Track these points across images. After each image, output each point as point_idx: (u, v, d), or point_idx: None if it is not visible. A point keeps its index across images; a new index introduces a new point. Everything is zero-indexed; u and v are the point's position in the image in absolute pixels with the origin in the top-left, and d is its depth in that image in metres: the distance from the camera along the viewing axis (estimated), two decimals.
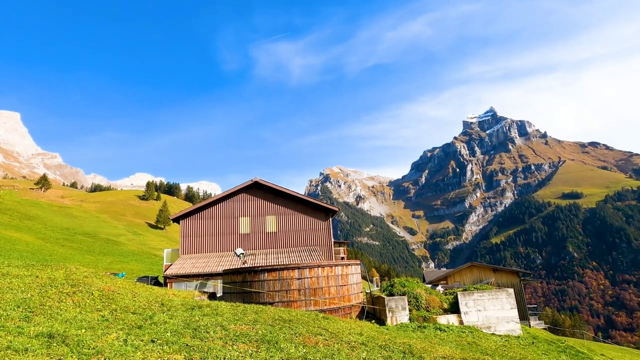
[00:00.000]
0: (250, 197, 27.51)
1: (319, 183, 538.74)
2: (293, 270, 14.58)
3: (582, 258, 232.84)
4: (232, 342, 6.03)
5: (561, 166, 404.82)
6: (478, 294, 15.97)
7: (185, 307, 8.89)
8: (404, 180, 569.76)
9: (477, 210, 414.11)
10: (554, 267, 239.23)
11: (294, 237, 26.84)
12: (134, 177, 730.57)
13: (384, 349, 7.29)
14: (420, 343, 8.92)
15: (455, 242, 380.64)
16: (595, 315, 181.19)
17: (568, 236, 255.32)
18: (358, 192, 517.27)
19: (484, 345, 11.41)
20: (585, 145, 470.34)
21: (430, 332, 12.94)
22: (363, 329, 9.93)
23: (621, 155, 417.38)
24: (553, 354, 12.82)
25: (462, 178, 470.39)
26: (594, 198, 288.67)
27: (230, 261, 23.78)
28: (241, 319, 8.16)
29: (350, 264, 16.19)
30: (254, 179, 27.42)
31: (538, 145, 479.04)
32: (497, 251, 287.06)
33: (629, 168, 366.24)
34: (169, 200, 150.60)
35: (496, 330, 15.48)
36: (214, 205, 27.29)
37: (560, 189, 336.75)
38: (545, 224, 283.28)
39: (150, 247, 79.19)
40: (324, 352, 6.22)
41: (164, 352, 5.01)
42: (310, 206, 27.44)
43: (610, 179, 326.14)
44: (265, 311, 9.55)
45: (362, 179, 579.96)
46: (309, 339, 7.14)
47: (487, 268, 33.22)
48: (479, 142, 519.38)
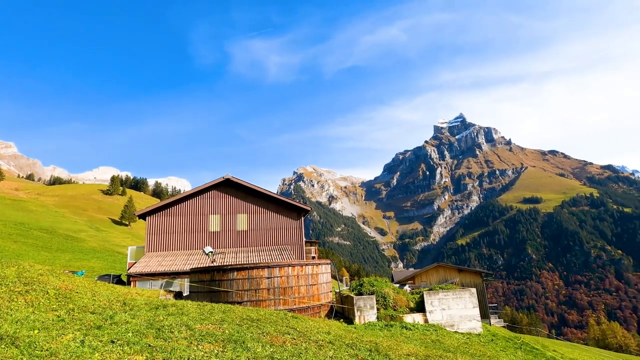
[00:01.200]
0: (221, 195, 26.99)
1: (292, 182, 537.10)
2: (263, 269, 14.46)
3: (539, 259, 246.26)
4: (197, 342, 5.90)
5: (523, 172, 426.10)
6: (443, 294, 16.52)
7: (149, 307, 8.60)
8: (376, 181, 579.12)
9: (445, 212, 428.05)
10: (514, 268, 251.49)
11: (265, 236, 26.61)
12: (97, 170, 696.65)
13: (351, 347, 7.39)
14: (386, 341, 9.11)
15: (424, 243, 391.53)
16: (550, 313, 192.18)
17: (528, 239, 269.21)
18: (331, 192, 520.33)
19: (447, 342, 11.82)
20: (546, 153, 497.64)
21: (397, 331, 13.25)
22: (331, 327, 10.00)
23: (577, 163, 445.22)
24: (510, 351, 13.47)
25: (431, 181, 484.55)
26: (551, 203, 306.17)
27: (199, 260, 23.23)
28: (208, 318, 8.00)
29: (320, 263, 16.27)
30: (225, 176, 26.94)
31: (503, 151, 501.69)
32: (463, 252, 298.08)
33: (583, 176, 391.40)
34: (135, 196, 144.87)
35: (459, 328, 16.07)
36: (183, 202, 26.55)
37: (521, 194, 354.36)
38: (507, 227, 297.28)
39: (113, 244, 75.85)
40: (291, 351, 6.22)
41: (124, 352, 4.82)
42: (283, 205, 27.31)
43: (567, 186, 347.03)
44: (233, 310, 9.41)
45: (335, 179, 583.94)
46: (277, 338, 7.12)
47: (452, 268, 34.39)
48: (449, 147, 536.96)
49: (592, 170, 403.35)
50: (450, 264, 45.39)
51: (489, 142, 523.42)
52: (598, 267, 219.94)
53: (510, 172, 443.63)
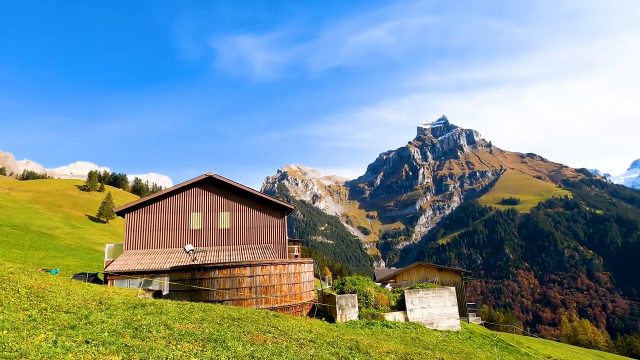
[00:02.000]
0: (203, 192, 26.61)
1: (276, 180, 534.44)
2: (245, 267, 14.34)
3: (516, 259, 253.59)
4: (176, 341, 5.80)
5: (502, 174, 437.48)
6: (423, 292, 16.79)
7: (127, 306, 8.41)
8: (360, 181, 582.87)
9: (427, 212, 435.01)
10: (492, 267, 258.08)
11: (247, 234, 26.40)
12: (74, 165, 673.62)
13: (332, 346, 7.42)
14: (367, 339, 9.19)
15: (406, 243, 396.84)
16: (525, 311, 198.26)
17: (505, 239, 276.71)
18: (315, 191, 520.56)
19: (426, 340, 12.03)
20: (524, 156, 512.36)
21: (378, 329, 13.39)
22: (313, 326, 10.02)
23: (553, 166, 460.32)
24: (487, 347, 13.83)
25: (414, 181, 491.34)
26: (528, 205, 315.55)
27: (179, 258, 22.85)
28: (187, 317, 7.88)
29: (303, 262, 16.27)
30: (208, 174, 26.57)
31: (483, 153, 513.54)
32: (443, 252, 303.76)
33: (559, 178, 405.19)
34: (113, 192, 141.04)
35: (438, 326, 16.38)
36: (164, 199, 26.04)
37: (500, 195, 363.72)
38: (486, 227, 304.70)
39: (90, 242, 73.68)
40: (272, 350, 6.20)
41: (99, 353, 4.69)
42: (266, 203, 27.15)
43: (543, 188, 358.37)
44: (213, 309, 9.30)
45: (320, 178, 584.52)
46: (258, 337, 7.08)
47: (432, 267, 35.01)
48: (431, 148, 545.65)
49: (567, 174, 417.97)
50: (431, 263, 46.20)
51: (470, 144, 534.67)
52: (571, 266, 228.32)
53: (490, 173, 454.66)
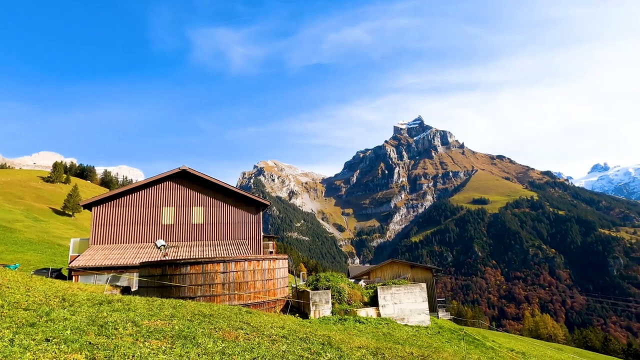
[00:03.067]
0: (176, 186, 25.93)
1: (252, 176, 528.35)
2: (218, 263, 14.14)
3: (484, 257, 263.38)
4: (144, 338, 5.65)
5: (473, 175, 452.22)
6: (395, 288, 17.15)
7: (92, 302, 8.09)
8: (336, 178, 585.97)
9: (401, 210, 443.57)
10: (462, 265, 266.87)
11: (221, 230, 25.99)
12: (37, 155, 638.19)
13: (304, 341, 7.45)
14: (339, 335, 9.30)
15: (380, 240, 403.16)
16: (492, 307, 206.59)
17: (475, 237, 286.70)
18: (291, 188, 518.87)
19: (397, 335, 12.30)
20: (494, 158, 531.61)
21: (350, 324, 13.56)
22: (286, 322, 10.02)
23: (521, 168, 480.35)
24: (454, 342, 14.31)
25: (389, 180, 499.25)
26: (497, 205, 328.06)
27: (150, 253, 22.21)
28: (157, 314, 7.68)
29: (277, 258, 16.22)
30: (181, 167, 25.91)
31: (456, 154, 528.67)
32: (416, 249, 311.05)
33: (526, 180, 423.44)
34: (80, 185, 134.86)
35: (409, 321, 16.79)
36: (134, 193, 25.18)
37: (471, 195, 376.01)
38: (457, 226, 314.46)
39: (54, 236, 70.22)
40: (243, 346, 6.15)
41: (60, 351, 4.49)
42: (241, 199, 26.81)
43: (511, 189, 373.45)
44: (184, 306, 9.11)
45: (297, 174, 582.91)
46: (229, 333, 7.00)
47: (405, 264, 35.79)
48: (407, 148, 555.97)
49: (534, 176, 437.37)
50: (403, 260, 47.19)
51: (444, 145, 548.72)
52: (535, 264, 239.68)
53: (462, 174, 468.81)
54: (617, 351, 64.86)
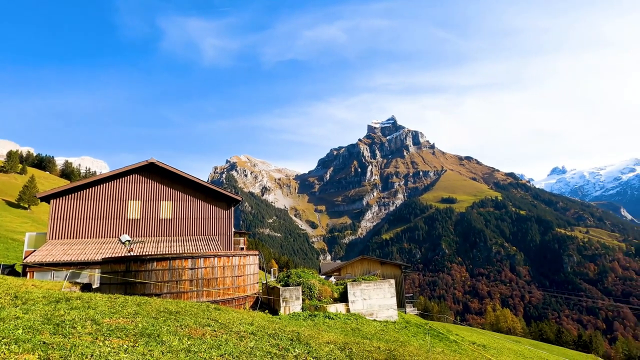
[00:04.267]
0: (143, 180, 25.00)
1: (224, 170, 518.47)
2: (186, 259, 13.79)
3: (451, 254, 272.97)
4: (104, 337, 5.42)
5: (443, 175, 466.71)
6: (365, 284, 17.42)
7: (48, 300, 7.67)
8: (310, 175, 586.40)
9: (373, 208, 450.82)
10: (430, 261, 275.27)
11: (191, 226, 25.36)
12: None
13: (273, 338, 7.43)
14: (308, 331, 9.34)
15: (352, 237, 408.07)
16: (457, 302, 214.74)
17: (443, 235, 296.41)
18: (264, 184, 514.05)
19: (365, 330, 12.52)
20: (462, 159, 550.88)
21: (320, 320, 13.65)
22: (255, 319, 9.94)
23: (487, 169, 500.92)
24: (420, 336, 14.76)
25: (362, 178, 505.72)
26: (464, 204, 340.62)
27: (114, 249, 21.32)
28: (119, 311, 7.39)
29: (248, 254, 16.04)
30: (149, 160, 25.00)
31: (427, 154, 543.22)
32: (387, 246, 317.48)
33: (491, 181, 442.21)
34: (38, 176, 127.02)
35: (377, 316, 17.13)
36: (98, 185, 24.03)
37: (440, 194, 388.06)
38: (426, 224, 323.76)
39: (7, 230, 65.82)
40: (210, 343, 6.05)
41: (10, 352, 4.22)
42: (212, 194, 26.26)
43: (477, 189, 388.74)
44: (149, 303, 8.82)
45: (270, 170, 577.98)
46: (196, 330, 6.86)
47: (375, 261, 36.44)
48: (380, 146, 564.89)
49: (498, 177, 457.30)
50: (374, 257, 48.00)
51: (415, 145, 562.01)
52: (497, 261, 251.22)
53: (432, 173, 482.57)
54: (569, 342, 69.45)
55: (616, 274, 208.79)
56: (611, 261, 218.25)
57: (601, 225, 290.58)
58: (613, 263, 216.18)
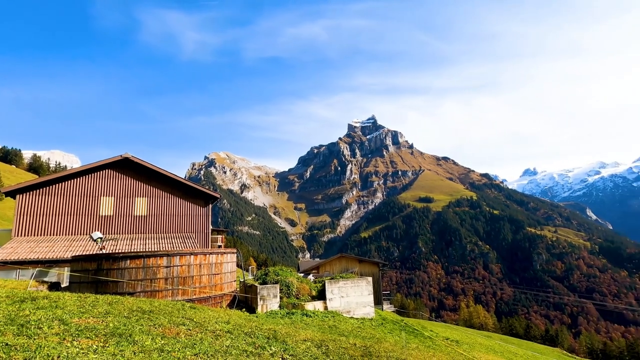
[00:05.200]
0: (117, 175, 24.22)
1: (202, 167, 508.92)
2: (161, 257, 13.48)
3: (427, 252, 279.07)
4: (72, 337, 5.23)
5: (421, 174, 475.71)
6: (343, 282, 17.57)
7: (12, 300, 7.33)
8: (290, 173, 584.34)
9: (352, 207, 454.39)
10: (407, 259, 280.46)
11: (167, 223, 24.79)
12: None
13: (249, 336, 7.39)
14: (285, 328, 9.34)
15: (331, 235, 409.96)
16: (432, 299, 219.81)
17: (420, 233, 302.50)
18: (244, 181, 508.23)
19: (342, 327, 12.64)
20: (440, 159, 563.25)
21: (297, 318, 13.68)
22: (231, 317, 9.85)
23: (463, 170, 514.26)
24: (396, 332, 15.04)
25: (342, 176, 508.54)
26: (441, 203, 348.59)
27: (84, 246, 20.58)
28: (89, 311, 7.16)
29: (225, 252, 15.85)
30: (124, 155, 24.23)
31: (406, 154, 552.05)
32: (365, 244, 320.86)
33: (467, 181, 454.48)
34: (3, 169, 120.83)
35: (355, 314, 17.32)
36: (68, 180, 23.10)
37: (418, 194, 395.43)
38: (404, 222, 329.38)
39: None
40: (184, 343, 5.95)
41: None
42: (189, 191, 25.76)
43: (454, 189, 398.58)
44: (121, 302, 8.59)
45: (249, 167, 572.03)
46: (170, 329, 6.73)
47: (353, 259, 36.79)
48: (360, 145, 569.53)
49: (474, 177, 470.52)
50: (352, 255, 48.43)
51: (395, 145, 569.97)
52: (471, 259, 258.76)
53: (410, 173, 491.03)
54: (537, 337, 72.51)
55: (581, 271, 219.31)
56: (577, 259, 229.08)
57: (568, 225, 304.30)
58: (579, 261, 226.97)
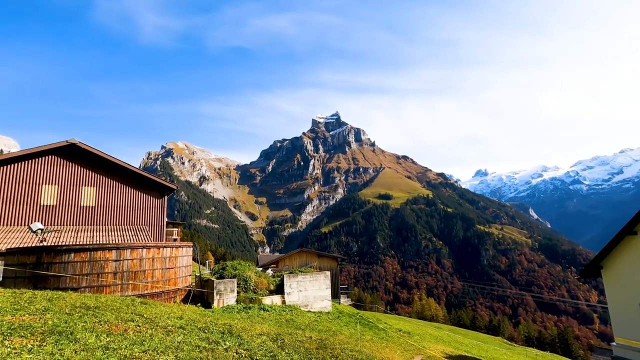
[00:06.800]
0: (62, 162, 22.47)
1: (159, 157, 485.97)
2: (110, 250, 12.76)
3: (385, 247, 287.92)
4: (3, 336, 4.81)
5: (381, 172, 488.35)
6: (301, 276, 17.67)
7: None
8: (252, 166, 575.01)
9: (314, 202, 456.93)
10: (365, 254, 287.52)
11: (118, 215, 23.44)
12: None
13: (203, 331, 7.22)
14: (241, 323, 9.23)
15: (291, 230, 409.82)
16: (388, 292, 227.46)
17: (378, 229, 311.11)
18: (203, 173, 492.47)
19: (299, 321, 12.72)
20: (399, 157, 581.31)
21: (254, 312, 13.57)
22: (185, 312, 9.57)
23: (420, 169, 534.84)
24: (352, 325, 15.40)
25: (305, 171, 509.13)
26: (399, 200, 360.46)
27: (22, 238, 18.95)
28: (25, 308, 6.62)
29: (181, 245, 15.34)
30: (70, 141, 22.52)
31: (368, 151, 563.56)
32: (325, 239, 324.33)
33: (424, 180, 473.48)
34: None
35: (312, 307, 17.50)
36: (4, 166, 21.07)
37: (377, 191, 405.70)
38: (363, 218, 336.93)
39: None
40: (133, 339, 5.69)
41: None
42: (144, 181, 24.52)
43: (412, 187, 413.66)
44: (63, 298, 8.03)
45: (210, 159, 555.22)
46: (118, 326, 6.40)
47: (313, 253, 37.08)
48: (323, 141, 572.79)
49: (430, 176, 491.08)
50: (312, 249, 48.83)
51: (357, 142, 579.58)
52: (425, 254, 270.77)
53: (371, 170, 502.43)
54: (482, 327, 77.68)
55: (522, 266, 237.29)
56: (519, 255, 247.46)
57: (513, 223, 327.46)
58: (520, 257, 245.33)
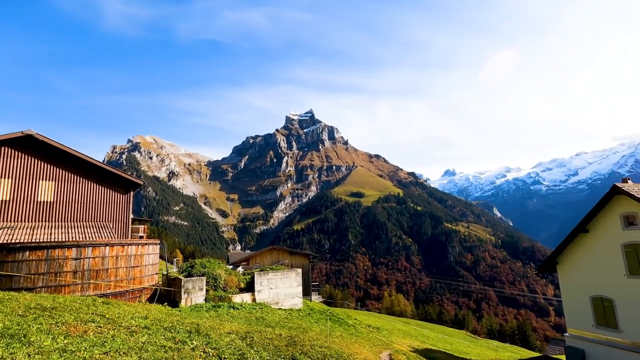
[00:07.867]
0: (17, 154, 21.06)
1: (125, 151, 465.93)
2: (70, 248, 12.12)
3: (356, 245, 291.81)
4: None
5: (354, 170, 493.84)
6: (272, 274, 17.57)
7: None
8: (223, 162, 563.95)
9: (286, 199, 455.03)
10: (337, 252, 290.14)
11: (79, 211, 22.27)
12: None
13: (169, 331, 7.03)
14: (209, 322, 9.06)
15: (263, 227, 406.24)
16: (359, 289, 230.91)
17: (350, 227, 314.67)
18: (172, 168, 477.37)
19: (269, 319, 12.66)
20: (372, 156, 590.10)
21: (224, 311, 13.36)
22: (150, 312, 9.26)
23: (392, 168, 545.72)
24: (322, 322, 15.51)
25: (277, 168, 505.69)
26: (371, 198, 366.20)
27: None
28: None
29: (147, 243, 14.82)
30: (26, 132, 21.13)
31: (341, 150, 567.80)
32: (297, 237, 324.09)
33: (395, 178, 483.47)
34: None
35: (283, 305, 17.46)
36: None
37: (350, 189, 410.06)
38: (336, 216, 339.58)
39: None
40: (93, 341, 5.45)
41: None
42: (108, 176, 23.43)
43: (383, 185, 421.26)
44: (16, 299, 7.54)
45: (179, 154, 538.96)
46: (77, 327, 6.10)
47: (285, 251, 36.96)
48: (297, 138, 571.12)
49: (401, 175, 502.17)
50: (284, 247, 48.57)
51: (330, 140, 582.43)
52: (396, 251, 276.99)
53: (344, 168, 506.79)
54: (447, 321, 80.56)
55: (486, 262, 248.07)
56: (483, 252, 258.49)
57: (478, 222, 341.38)
58: (484, 253, 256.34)
